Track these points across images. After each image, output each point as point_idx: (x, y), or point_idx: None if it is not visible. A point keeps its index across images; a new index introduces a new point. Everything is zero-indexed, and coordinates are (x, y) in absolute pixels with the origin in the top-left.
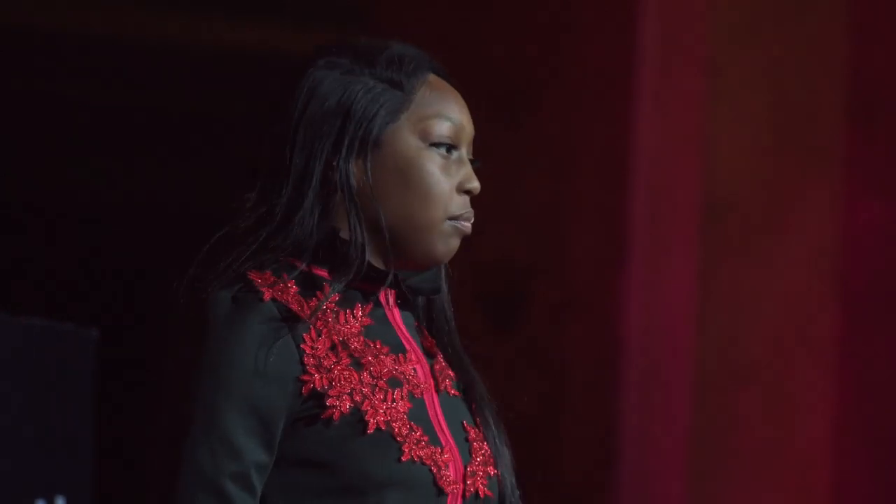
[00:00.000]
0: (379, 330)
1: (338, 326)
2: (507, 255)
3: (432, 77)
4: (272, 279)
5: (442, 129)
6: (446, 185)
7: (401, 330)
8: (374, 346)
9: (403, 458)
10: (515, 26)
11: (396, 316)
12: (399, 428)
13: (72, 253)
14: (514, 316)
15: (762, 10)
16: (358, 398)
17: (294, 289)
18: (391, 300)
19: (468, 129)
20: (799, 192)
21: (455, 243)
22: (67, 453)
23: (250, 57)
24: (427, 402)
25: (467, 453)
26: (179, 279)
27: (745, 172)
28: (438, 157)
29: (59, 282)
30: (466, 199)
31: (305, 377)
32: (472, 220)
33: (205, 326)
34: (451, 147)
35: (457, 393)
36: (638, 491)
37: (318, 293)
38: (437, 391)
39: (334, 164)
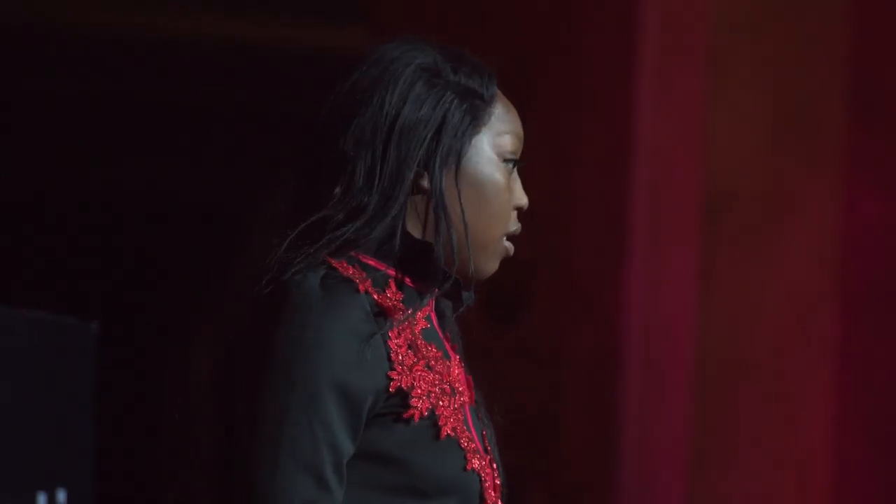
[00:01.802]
0: (432, 334)
1: (407, 326)
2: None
3: (498, 90)
4: (351, 270)
5: (512, 144)
6: (510, 201)
7: (442, 336)
8: (432, 349)
9: (468, 468)
10: (515, 23)
11: (435, 322)
12: (461, 436)
13: (72, 246)
14: (514, 312)
15: (763, 5)
16: (434, 401)
17: (368, 281)
18: (432, 306)
19: (523, 143)
20: (799, 188)
21: (497, 264)
22: (68, 446)
23: (250, 52)
24: (467, 412)
25: (492, 466)
26: (264, 263)
27: (746, 168)
28: (507, 173)
29: (60, 275)
30: (516, 214)
31: (393, 374)
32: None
33: (292, 311)
34: (515, 162)
35: (474, 404)
36: (638, 487)
37: (387, 290)
38: (471, 401)
39: (428, 171)
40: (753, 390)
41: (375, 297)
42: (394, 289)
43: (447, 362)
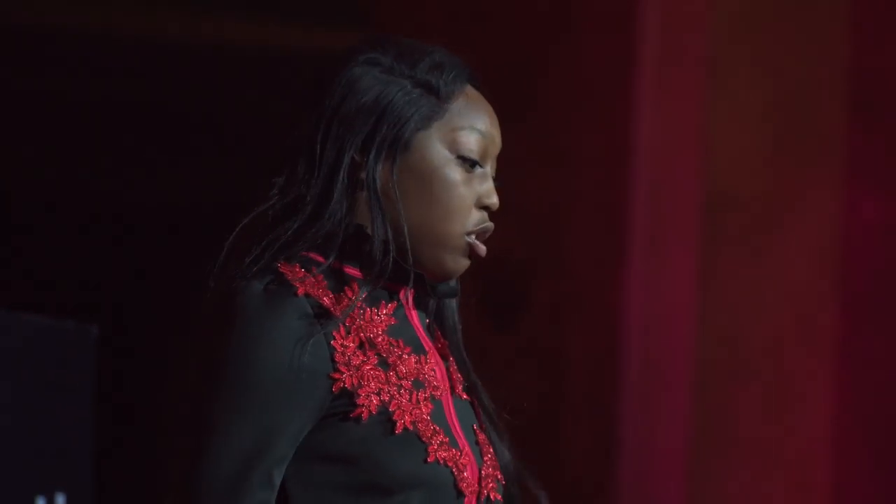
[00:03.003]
0: (401, 329)
1: (364, 324)
2: (507, 252)
3: (469, 88)
4: (302, 273)
5: (471, 142)
6: (467, 199)
7: (419, 331)
8: (398, 345)
9: (429, 460)
10: (515, 24)
11: (414, 316)
12: (424, 429)
13: (72, 250)
14: (514, 313)
15: (763, 6)
16: (386, 398)
17: (323, 283)
18: (410, 300)
19: (496, 144)
20: (799, 189)
21: (465, 262)
22: (67, 451)
23: (250, 55)
24: (444, 405)
25: (479, 456)
26: (207, 267)
27: (746, 169)
28: (462, 171)
29: (59, 279)
30: (484, 214)
31: (336, 375)
32: (489, 234)
33: (233, 316)
34: (475, 163)
35: (466, 396)
36: (638, 487)
37: (346, 289)
38: (452, 394)
39: (362, 161)
40: (753, 390)
41: (324, 299)
42: (355, 288)
43: (418, 357)
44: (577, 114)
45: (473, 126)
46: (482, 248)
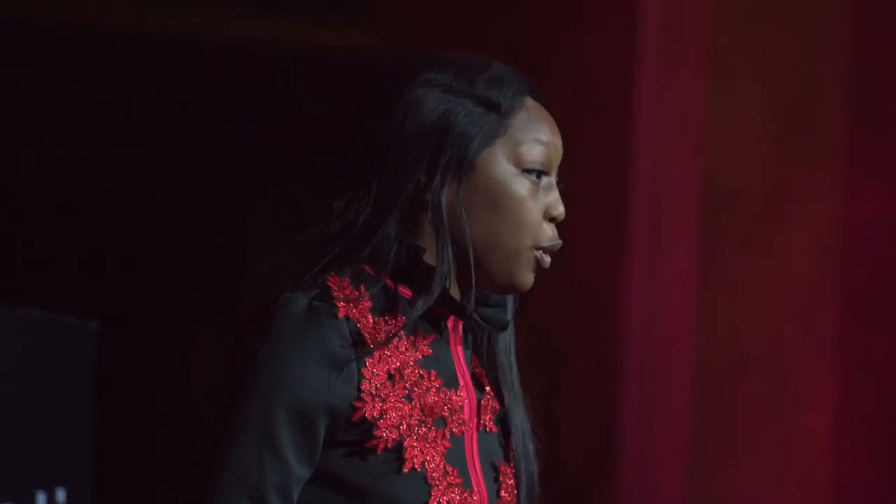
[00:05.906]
0: (437, 361)
1: (397, 353)
2: None
3: (529, 100)
4: (348, 290)
5: (534, 154)
6: (535, 212)
7: (459, 362)
8: (429, 377)
9: (430, 502)
10: (516, 22)
11: (459, 347)
12: (433, 471)
13: (72, 244)
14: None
15: (763, 5)
16: (405, 432)
17: (367, 304)
18: (459, 329)
19: (559, 152)
20: (800, 184)
21: (532, 277)
22: (68, 446)
23: (248, 49)
24: (466, 442)
25: (495, 494)
26: (249, 280)
27: (746, 164)
28: (529, 184)
29: (60, 274)
30: (553, 227)
31: (359, 403)
32: (558, 249)
33: (271, 328)
34: (541, 173)
35: (494, 428)
36: (638, 481)
37: (387, 314)
38: (478, 429)
39: (428, 183)
40: (753, 389)
41: (363, 324)
42: (398, 313)
43: (447, 391)
44: (577, 113)
45: (536, 138)
46: (547, 261)
